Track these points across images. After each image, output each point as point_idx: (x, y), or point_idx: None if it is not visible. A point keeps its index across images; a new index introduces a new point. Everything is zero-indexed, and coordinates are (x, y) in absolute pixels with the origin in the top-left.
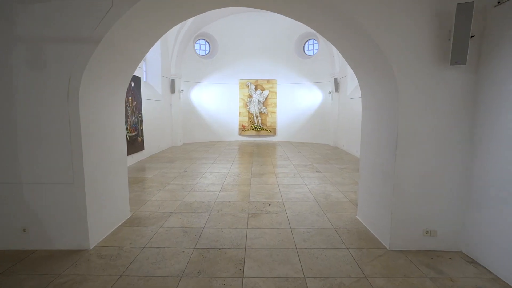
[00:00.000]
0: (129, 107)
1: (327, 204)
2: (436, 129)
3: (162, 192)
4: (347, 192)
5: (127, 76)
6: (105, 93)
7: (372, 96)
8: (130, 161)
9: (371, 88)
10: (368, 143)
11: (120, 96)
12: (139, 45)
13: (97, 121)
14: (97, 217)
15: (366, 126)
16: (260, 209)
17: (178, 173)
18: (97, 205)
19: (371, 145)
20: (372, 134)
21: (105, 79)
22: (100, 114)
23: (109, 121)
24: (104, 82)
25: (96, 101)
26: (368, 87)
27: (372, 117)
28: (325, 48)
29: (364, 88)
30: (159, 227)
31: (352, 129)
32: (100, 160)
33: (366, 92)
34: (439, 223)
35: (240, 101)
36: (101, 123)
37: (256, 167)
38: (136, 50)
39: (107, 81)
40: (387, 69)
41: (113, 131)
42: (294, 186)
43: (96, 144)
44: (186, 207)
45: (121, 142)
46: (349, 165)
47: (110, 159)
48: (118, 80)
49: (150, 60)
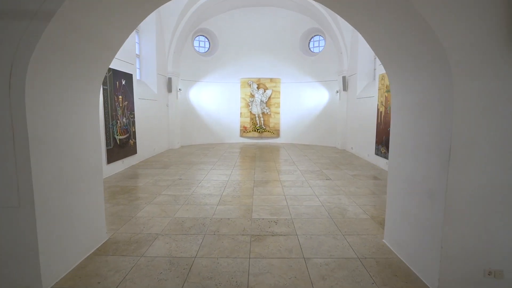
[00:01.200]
0: (119, 107)
1: (345, 223)
2: (505, 138)
3: (150, 205)
4: (365, 205)
5: (100, 68)
6: (67, 88)
7: (409, 94)
8: (120, 167)
9: (407, 84)
10: (401, 152)
11: (93, 93)
12: (113, 29)
13: (56, 125)
14: (55, 248)
15: (398, 132)
16: (265, 229)
17: (171, 181)
18: (55, 233)
19: (407, 155)
20: (409, 141)
21: (67, 71)
22: (61, 116)
23: (77, 125)
24: (65, 74)
25: (53, 99)
26: (402, 83)
27: (408, 121)
28: (331, 44)
29: (397, 85)
30: (140, 256)
31: (362, 131)
32: (60, 175)
33: (399, 89)
34: (507, 262)
35: (242, 101)
36: (62, 127)
37: (259, 174)
38: (109, 35)
39: (70, 73)
40: (439, 58)
41: (83, 137)
42: (303, 197)
43: (53, 154)
44: (177, 226)
45: (94, 150)
46: (361, 171)
47: (78, 173)
48: (87, 73)
49: (144, 56)
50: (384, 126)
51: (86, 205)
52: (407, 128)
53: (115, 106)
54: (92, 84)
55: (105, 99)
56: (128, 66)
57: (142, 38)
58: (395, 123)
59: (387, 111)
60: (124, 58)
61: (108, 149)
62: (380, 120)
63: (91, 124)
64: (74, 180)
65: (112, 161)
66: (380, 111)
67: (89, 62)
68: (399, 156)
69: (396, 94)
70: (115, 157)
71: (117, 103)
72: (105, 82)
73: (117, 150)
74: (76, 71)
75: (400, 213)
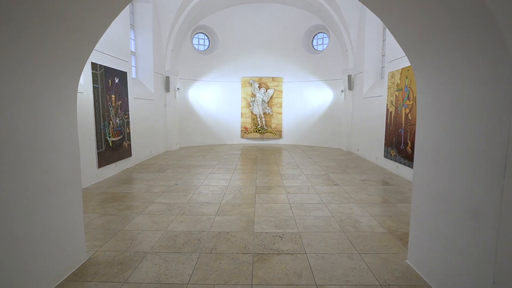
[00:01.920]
0: (112, 107)
1: (360, 238)
2: None
3: (141, 216)
4: (380, 216)
5: (75, 58)
6: (33, 82)
7: (444, 90)
8: (113, 171)
9: (443, 77)
10: (431, 160)
11: (67, 88)
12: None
13: (16, 129)
14: (18, 277)
15: (427, 135)
16: (270, 246)
17: (167, 186)
18: (19, 259)
19: (440, 163)
20: (443, 147)
21: (30, 60)
22: (24, 117)
23: (45, 128)
24: (26, 64)
25: (12, 96)
26: (435, 76)
27: (442, 122)
28: (336, 42)
29: (427, 79)
30: (123, 281)
31: (369, 132)
32: (25, 189)
33: (431, 84)
34: None
35: (243, 101)
36: (25, 131)
37: (261, 178)
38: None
39: (32, 63)
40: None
41: (55, 142)
42: (311, 206)
43: (14, 164)
44: (169, 241)
45: (71, 157)
46: (370, 176)
47: (48, 185)
48: (59, 63)
49: (140, 54)
50: (394, 127)
51: (60, 222)
52: (441, 131)
53: (107, 106)
54: (67, 77)
55: (96, 99)
56: (122, 63)
57: (138, 34)
58: (422, 124)
59: (397, 111)
60: (118, 55)
61: (99, 152)
62: (390, 120)
63: (66, 126)
64: (43, 193)
65: (104, 165)
66: (390, 111)
67: (60, 51)
68: (428, 164)
69: (425, 90)
70: (107, 160)
71: (109, 103)
72: (96, 80)
73: (110, 153)
74: (43, 62)
75: (429, 232)
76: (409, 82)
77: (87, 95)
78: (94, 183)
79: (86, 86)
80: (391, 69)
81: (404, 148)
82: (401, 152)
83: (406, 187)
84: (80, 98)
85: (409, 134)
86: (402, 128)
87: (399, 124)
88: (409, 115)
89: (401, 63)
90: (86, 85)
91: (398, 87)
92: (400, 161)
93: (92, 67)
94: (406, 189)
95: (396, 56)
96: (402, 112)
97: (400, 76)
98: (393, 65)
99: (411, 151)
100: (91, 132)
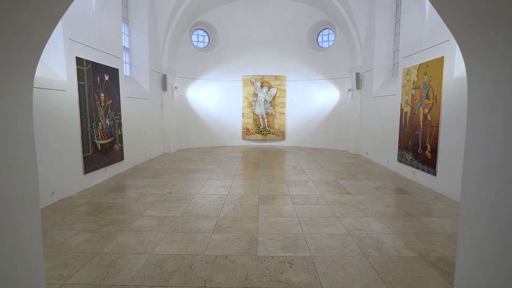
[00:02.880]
0: (101, 106)
1: (386, 265)
2: None
3: (125, 233)
4: (405, 234)
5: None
6: None
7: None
8: (102, 176)
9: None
10: (488, 175)
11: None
12: None
13: None
14: None
15: (484, 142)
16: (277, 276)
17: (159, 195)
18: None
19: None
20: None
21: None
22: None
23: None
24: None
25: None
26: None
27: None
28: (343, 38)
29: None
30: None
31: (380, 133)
32: None
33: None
34: None
35: (244, 101)
36: None
37: (264, 185)
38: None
39: None
40: None
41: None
42: (322, 221)
43: None
44: (154, 269)
45: (25, 170)
46: (384, 182)
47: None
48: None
49: (134, 50)
50: (410, 129)
51: (8, 254)
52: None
53: (95, 105)
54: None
55: (82, 97)
56: (112, 59)
57: (132, 29)
58: (475, 127)
59: (413, 111)
60: (108, 50)
61: (85, 157)
62: (405, 121)
63: (19, 131)
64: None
65: (91, 170)
66: (405, 111)
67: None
68: (485, 181)
69: (481, 84)
70: (95, 165)
71: (97, 102)
72: (81, 77)
73: (98, 157)
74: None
75: (490, 268)
76: (428, 79)
77: (71, 93)
78: (78, 192)
79: (70, 83)
80: (405, 66)
81: (423, 152)
82: (419, 156)
83: (427, 196)
84: (62, 97)
85: (429, 137)
86: (420, 129)
87: (416, 126)
88: (429, 115)
89: (418, 58)
90: (70, 82)
91: (415, 84)
92: (417, 166)
93: (77, 62)
94: (428, 198)
95: (412, 51)
96: (419, 112)
97: (417, 72)
98: (408, 61)
99: (431, 155)
100: (76, 134)
